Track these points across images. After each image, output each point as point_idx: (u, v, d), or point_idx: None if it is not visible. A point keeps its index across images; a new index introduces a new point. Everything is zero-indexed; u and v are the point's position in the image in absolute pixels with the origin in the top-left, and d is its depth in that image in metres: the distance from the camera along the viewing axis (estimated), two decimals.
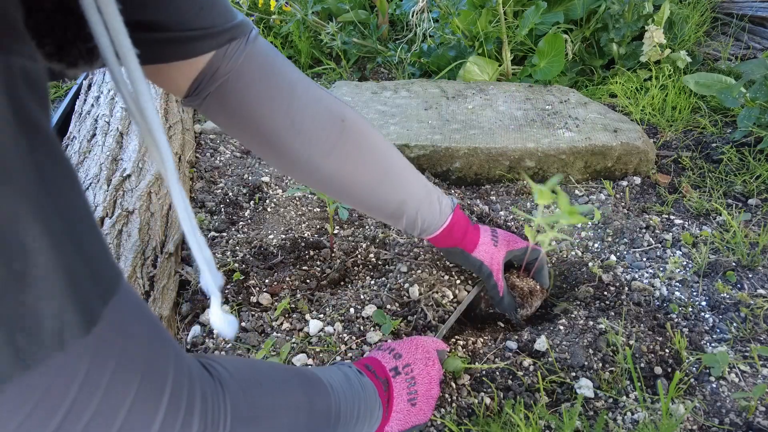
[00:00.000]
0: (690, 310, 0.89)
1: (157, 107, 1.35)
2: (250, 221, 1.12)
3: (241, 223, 1.12)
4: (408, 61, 1.81)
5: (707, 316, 0.88)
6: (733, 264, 0.97)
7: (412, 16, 1.81)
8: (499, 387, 0.77)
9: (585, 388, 0.75)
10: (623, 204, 1.16)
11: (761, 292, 0.91)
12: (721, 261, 0.98)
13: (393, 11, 2.04)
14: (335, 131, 0.65)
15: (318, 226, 1.11)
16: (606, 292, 0.92)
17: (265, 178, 1.25)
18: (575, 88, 1.65)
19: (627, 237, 1.05)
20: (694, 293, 0.93)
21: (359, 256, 1.02)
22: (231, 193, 1.20)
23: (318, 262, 1.01)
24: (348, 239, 1.07)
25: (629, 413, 0.73)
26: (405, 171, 0.74)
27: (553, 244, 1.05)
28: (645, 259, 1.00)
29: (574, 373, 0.78)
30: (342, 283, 0.97)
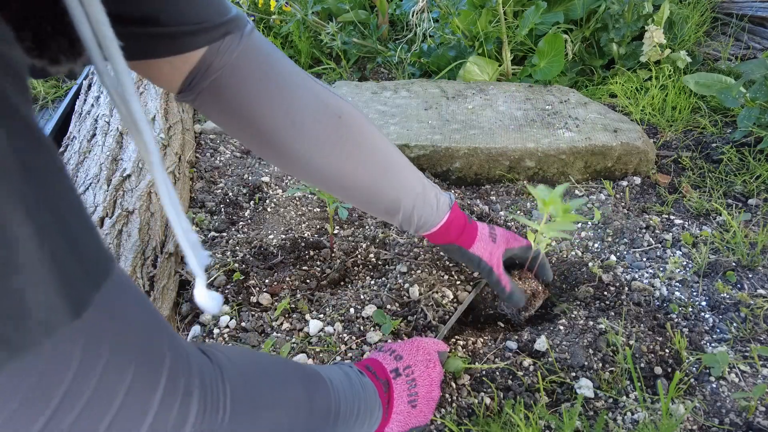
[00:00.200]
0: (690, 310, 0.89)
1: (157, 107, 1.35)
2: (250, 221, 1.12)
3: (241, 223, 1.12)
4: (408, 61, 1.81)
5: (707, 316, 0.88)
6: (733, 264, 0.97)
7: (412, 16, 1.81)
8: (499, 387, 0.77)
9: (585, 388, 0.75)
10: (623, 204, 1.16)
11: (761, 292, 0.91)
12: (721, 261, 0.98)
13: (393, 11, 2.04)
14: (332, 127, 0.64)
15: (318, 226, 1.11)
16: (606, 292, 0.92)
17: (265, 178, 1.25)
18: (575, 88, 1.65)
19: (627, 237, 1.05)
20: (694, 293, 0.93)
21: (359, 256, 1.02)
22: (231, 193, 1.20)
23: (318, 262, 1.01)
24: (348, 239, 1.07)
25: (629, 413, 0.73)
26: (402, 167, 0.73)
27: (552, 244, 1.05)
28: (645, 259, 1.00)
29: (574, 373, 0.78)
30: (342, 283, 0.97)
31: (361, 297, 0.92)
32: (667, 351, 0.81)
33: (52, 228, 0.27)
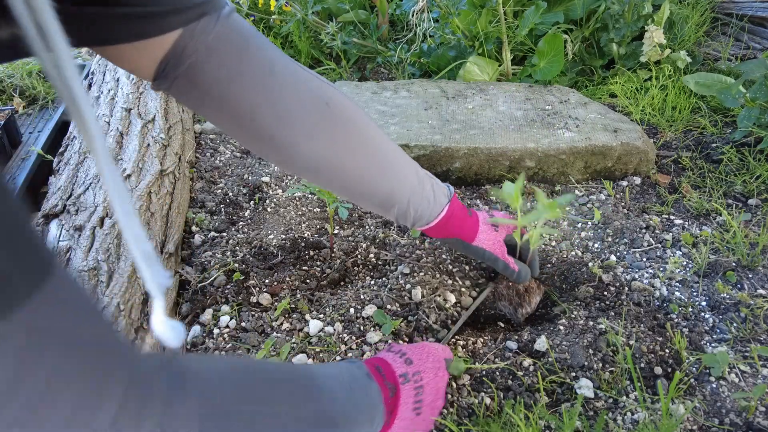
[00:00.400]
0: (690, 310, 0.89)
1: (157, 107, 1.35)
2: (250, 221, 1.12)
3: (241, 223, 1.12)
4: (408, 61, 1.81)
5: (707, 316, 0.88)
6: (733, 264, 0.97)
7: (412, 16, 1.81)
8: (499, 387, 0.77)
9: (585, 388, 0.75)
10: (623, 204, 1.16)
11: (761, 292, 0.91)
12: (721, 261, 0.98)
13: (393, 11, 2.04)
14: (319, 113, 0.61)
15: (318, 226, 1.11)
16: (606, 292, 0.92)
17: (265, 178, 1.25)
18: (575, 88, 1.65)
19: (627, 237, 1.05)
20: (694, 293, 0.93)
21: (359, 256, 1.02)
22: (231, 193, 1.20)
23: (318, 262, 1.01)
24: (348, 239, 1.07)
25: (629, 413, 0.73)
26: (395, 158, 0.71)
27: (553, 243, 1.05)
28: (645, 259, 1.00)
29: (574, 373, 0.78)
30: (342, 283, 0.97)
31: (361, 297, 0.92)
32: (667, 351, 0.81)
33: None
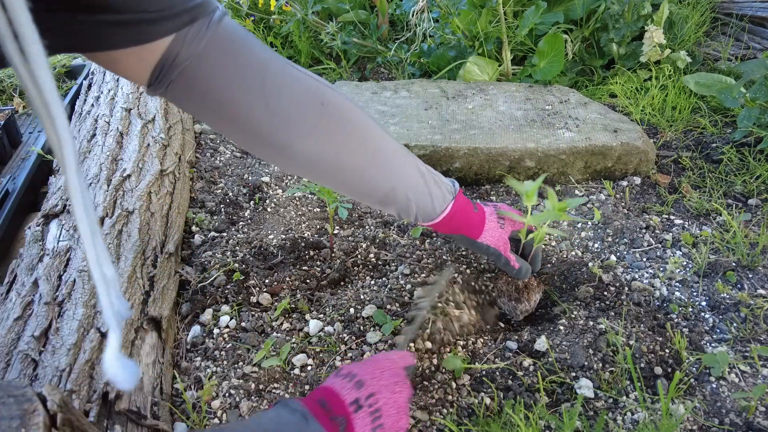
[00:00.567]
0: (690, 310, 0.89)
1: (157, 107, 1.35)
2: (250, 221, 1.12)
3: (241, 223, 1.12)
4: (408, 61, 1.81)
5: (707, 316, 0.88)
6: (733, 264, 0.97)
7: (412, 16, 1.81)
8: (499, 387, 0.77)
9: (585, 388, 0.75)
10: (623, 204, 1.16)
11: (761, 292, 0.91)
12: (721, 261, 0.98)
13: (393, 11, 2.04)
14: (315, 113, 0.61)
15: (318, 226, 1.11)
16: (606, 292, 0.92)
17: (265, 178, 1.25)
18: (575, 88, 1.65)
19: (627, 237, 1.05)
20: (694, 293, 0.93)
21: (359, 256, 1.02)
22: (231, 193, 1.20)
23: (318, 262, 1.01)
24: (348, 239, 1.07)
25: (629, 413, 0.73)
26: (395, 154, 0.70)
27: (553, 243, 1.05)
28: (645, 259, 1.00)
29: (574, 373, 0.78)
30: (342, 283, 0.97)
31: (361, 297, 0.92)
32: (667, 351, 0.81)
33: None
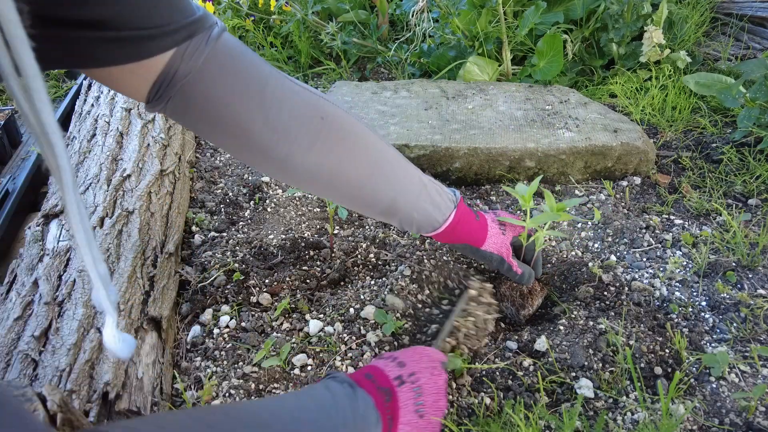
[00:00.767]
0: (690, 310, 0.89)
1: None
2: (250, 221, 1.12)
3: (241, 223, 1.12)
4: (408, 61, 1.81)
5: (707, 316, 0.88)
6: (733, 264, 0.97)
7: (412, 16, 1.81)
8: (499, 387, 0.77)
9: (585, 388, 0.75)
10: (623, 204, 1.16)
11: (761, 292, 0.91)
12: (721, 261, 0.98)
13: (393, 11, 2.04)
14: (314, 127, 0.62)
15: (318, 226, 1.11)
16: (606, 292, 0.92)
17: (265, 178, 1.25)
18: (575, 88, 1.65)
19: (627, 237, 1.05)
20: (694, 293, 0.93)
21: (359, 256, 1.02)
22: (231, 193, 1.20)
23: (318, 262, 1.01)
24: (348, 239, 1.07)
25: (629, 413, 0.73)
26: (396, 167, 0.70)
27: (553, 244, 1.05)
28: (645, 259, 1.00)
29: (574, 373, 0.78)
30: (342, 283, 0.97)
31: (361, 297, 0.92)
32: (667, 351, 0.81)
33: None
